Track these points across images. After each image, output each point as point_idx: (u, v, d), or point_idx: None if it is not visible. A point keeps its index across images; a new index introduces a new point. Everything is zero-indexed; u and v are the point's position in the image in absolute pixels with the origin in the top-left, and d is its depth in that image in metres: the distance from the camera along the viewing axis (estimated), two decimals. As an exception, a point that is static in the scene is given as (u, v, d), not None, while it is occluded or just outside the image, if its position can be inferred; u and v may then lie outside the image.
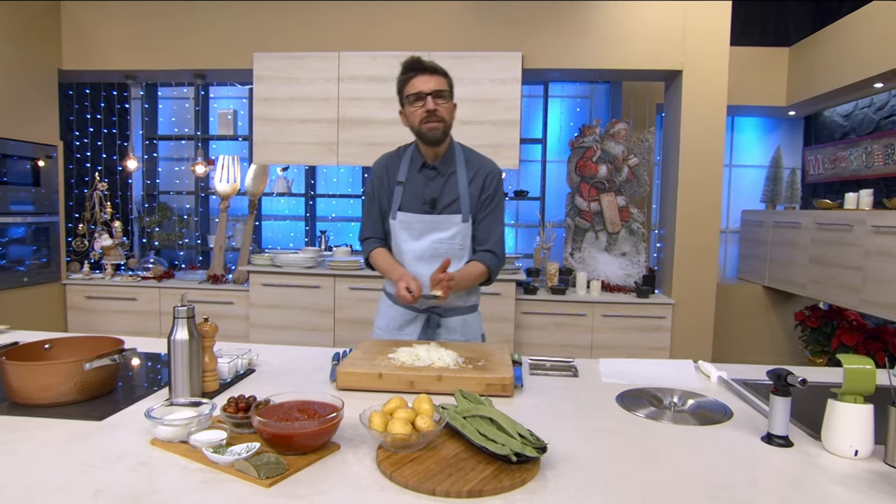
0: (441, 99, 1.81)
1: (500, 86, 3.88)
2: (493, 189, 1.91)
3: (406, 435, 1.06)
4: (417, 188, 1.90)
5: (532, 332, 3.97)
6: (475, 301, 2.04)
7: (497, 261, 1.92)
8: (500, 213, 1.94)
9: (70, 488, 0.95)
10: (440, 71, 1.84)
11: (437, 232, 1.89)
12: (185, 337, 1.36)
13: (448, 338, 1.95)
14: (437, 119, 1.81)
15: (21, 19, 4.03)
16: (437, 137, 1.85)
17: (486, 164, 1.95)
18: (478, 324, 2.04)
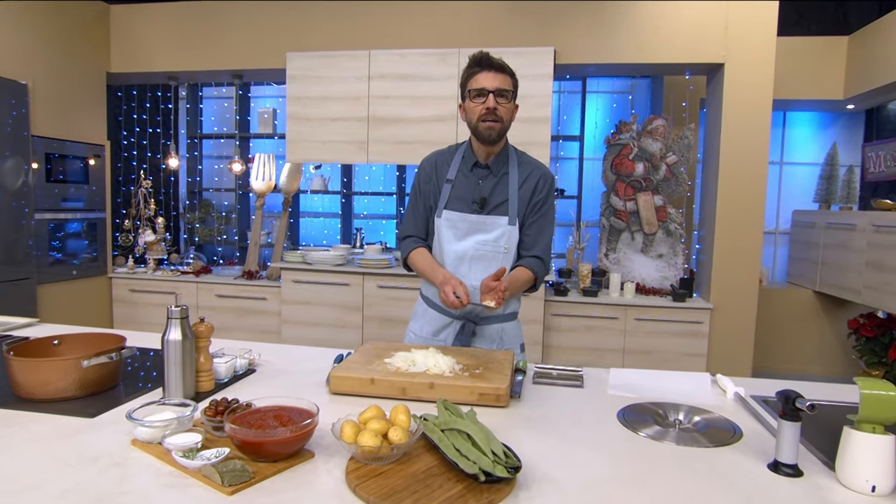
0: (503, 98, 1.75)
1: (531, 82, 3.79)
2: (544, 193, 1.84)
3: (375, 448, 1.03)
4: (467, 187, 1.85)
5: (562, 335, 3.88)
6: (515, 308, 1.95)
7: (544, 267, 1.85)
8: (550, 219, 1.88)
9: (41, 487, 0.97)
10: (507, 70, 1.78)
11: (481, 233, 1.83)
12: (178, 337, 1.37)
13: (483, 346, 1.88)
14: (495, 118, 1.75)
15: (73, 25, 4.23)
16: (493, 137, 1.78)
17: (540, 167, 1.88)
18: (517, 333, 1.96)
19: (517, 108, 1.83)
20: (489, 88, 1.73)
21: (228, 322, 4.33)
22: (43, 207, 4.07)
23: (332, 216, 5.24)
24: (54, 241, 4.20)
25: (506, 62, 1.80)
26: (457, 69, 3.89)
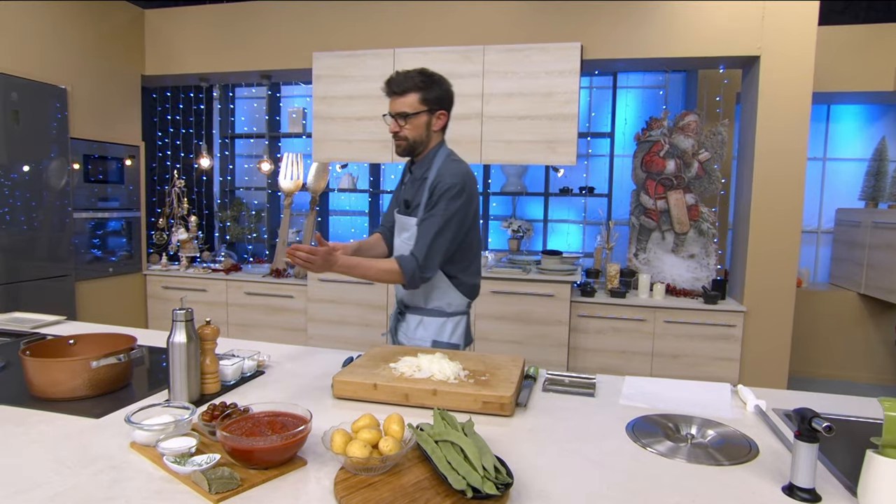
0: (402, 120, 1.88)
1: (557, 78, 3.71)
2: (437, 198, 1.88)
3: (363, 459, 1.01)
4: (405, 189, 2.03)
5: (588, 337, 3.80)
6: (437, 307, 2.01)
7: (415, 265, 1.84)
8: (437, 222, 1.85)
9: (33, 490, 0.98)
10: (410, 89, 1.86)
11: (405, 231, 1.99)
12: (182, 340, 1.38)
13: (402, 335, 2.06)
14: (400, 138, 1.91)
15: (109, 30, 4.35)
16: (400, 153, 1.97)
17: (446, 173, 1.89)
18: (435, 329, 2.00)
19: (435, 118, 1.91)
20: (391, 112, 1.91)
21: (257, 319, 4.40)
22: (82, 207, 4.21)
23: (360, 214, 5.26)
24: (95, 238, 4.34)
25: (418, 78, 1.86)
26: (481, 66, 3.85)
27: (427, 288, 1.97)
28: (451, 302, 2.01)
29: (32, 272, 3.84)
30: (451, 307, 2.02)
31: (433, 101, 1.89)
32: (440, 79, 1.91)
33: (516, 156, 3.90)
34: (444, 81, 1.92)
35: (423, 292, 1.99)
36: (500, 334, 3.86)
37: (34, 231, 3.84)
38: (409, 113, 1.87)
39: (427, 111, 1.88)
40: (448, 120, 1.96)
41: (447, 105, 1.94)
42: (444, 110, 1.93)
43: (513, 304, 3.82)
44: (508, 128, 3.87)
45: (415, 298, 2.02)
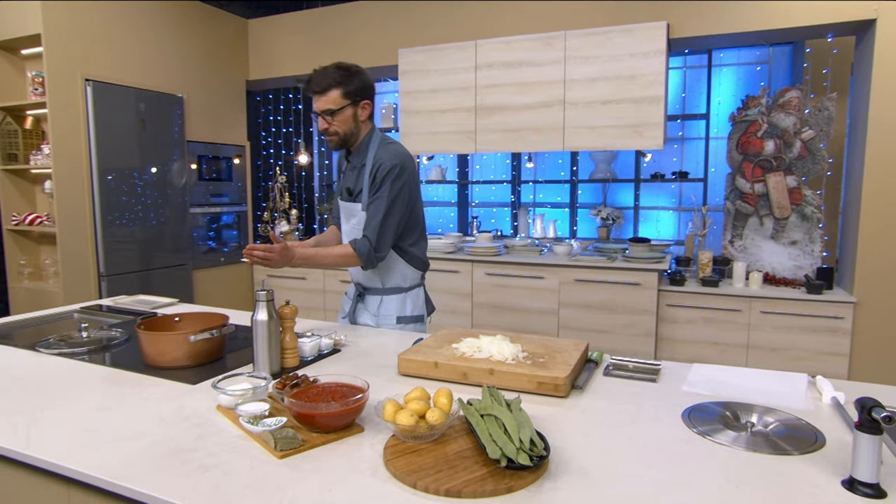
0: (329, 116, 1.93)
1: (642, 60, 3.59)
2: (380, 178, 1.95)
3: (410, 427, 1.09)
4: (345, 177, 2.13)
5: (677, 327, 3.66)
6: (396, 284, 2.14)
7: (369, 246, 1.94)
8: (385, 203, 1.95)
9: (139, 437, 1.17)
10: (331, 85, 1.92)
11: (353, 217, 2.07)
12: (264, 318, 1.54)
13: (364, 313, 2.18)
14: (330, 134, 1.97)
15: (218, 41, 4.77)
16: (334, 148, 2.05)
17: (385, 155, 1.98)
18: (396, 306, 2.14)
19: (362, 109, 1.97)
20: (316, 111, 1.96)
21: (350, 305, 4.65)
22: (197, 203, 4.67)
23: (449, 205, 5.39)
24: (209, 231, 4.80)
25: (336, 74, 1.92)
26: (563, 53, 3.80)
27: (382, 269, 2.10)
28: (407, 276, 2.15)
29: (159, 261, 4.33)
30: (407, 282, 2.16)
31: (355, 93, 1.94)
32: (357, 70, 1.97)
33: (600, 141, 3.83)
34: (361, 72, 1.97)
35: (380, 274, 2.11)
36: (585, 323, 3.83)
37: (160, 225, 4.32)
38: (334, 109, 1.92)
39: (351, 104, 1.94)
40: (373, 108, 2.03)
41: (369, 94, 1.99)
42: (367, 99, 1.99)
43: (597, 293, 3.77)
44: (591, 113, 3.80)
45: (373, 280, 2.13)
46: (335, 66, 1.95)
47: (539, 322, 3.95)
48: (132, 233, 4.12)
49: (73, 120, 3.74)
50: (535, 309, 3.96)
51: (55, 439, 1.17)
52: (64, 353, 1.77)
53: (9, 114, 3.93)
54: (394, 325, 2.15)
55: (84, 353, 1.77)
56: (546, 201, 4.99)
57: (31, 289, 3.96)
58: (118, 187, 4.00)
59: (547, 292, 3.91)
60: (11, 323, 2.24)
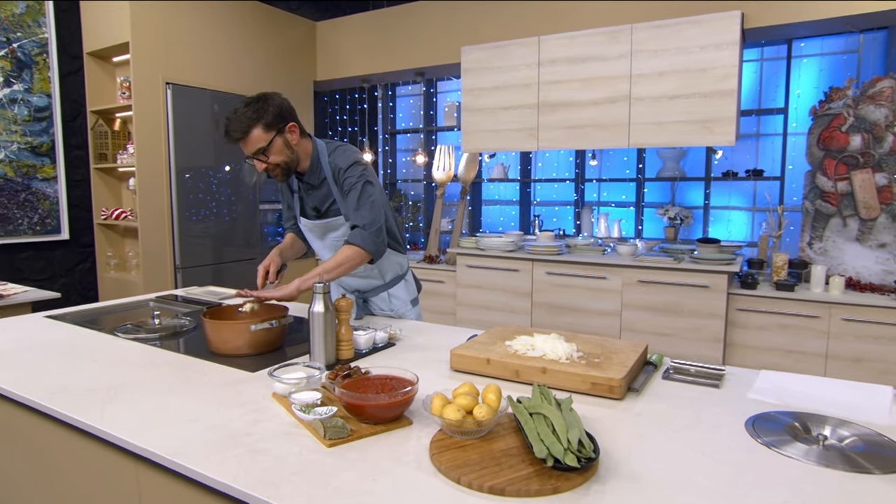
0: (263, 155, 1.87)
1: (713, 52, 3.43)
2: (343, 175, 1.96)
3: (456, 422, 1.09)
4: (307, 198, 2.08)
5: (748, 333, 3.47)
6: (395, 274, 2.20)
7: (365, 234, 1.90)
8: (357, 188, 1.93)
9: (198, 420, 1.22)
10: (249, 127, 1.83)
11: (333, 231, 2.06)
12: (320, 310, 1.57)
13: (378, 312, 2.22)
14: (274, 169, 1.92)
15: (287, 44, 4.94)
16: (285, 179, 2.00)
17: (338, 161, 1.98)
18: (405, 291, 2.22)
19: (291, 134, 1.90)
20: (249, 157, 1.89)
21: (410, 302, 4.70)
22: (267, 200, 4.86)
23: (511, 204, 5.35)
24: (278, 227, 4.99)
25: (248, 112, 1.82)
26: (629, 46, 3.69)
27: (381, 266, 2.12)
28: (401, 264, 2.21)
29: (230, 255, 4.53)
30: (403, 268, 2.23)
31: (275, 122, 1.85)
32: (265, 97, 1.86)
33: (667, 138, 3.69)
34: (271, 97, 1.86)
35: (379, 272, 2.15)
36: (648, 325, 3.70)
37: (233, 221, 4.52)
38: (263, 146, 1.85)
39: (277, 133, 1.86)
40: (299, 125, 1.93)
41: (289, 116, 1.90)
42: (290, 122, 1.90)
43: (662, 295, 3.63)
44: (658, 109, 3.67)
45: (372, 281, 2.16)
46: (244, 105, 1.84)
47: (600, 323, 3.85)
48: (206, 228, 4.33)
49: (154, 121, 3.98)
50: (596, 310, 3.86)
51: (126, 418, 1.25)
52: (139, 338, 1.88)
53: (101, 117, 4.23)
54: (411, 308, 2.23)
55: (156, 339, 1.88)
56: (611, 200, 4.86)
57: (117, 278, 4.25)
58: (195, 185, 4.21)
59: (609, 293, 3.81)
60: (97, 309, 2.40)
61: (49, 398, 1.36)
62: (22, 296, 2.86)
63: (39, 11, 3.87)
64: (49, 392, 1.40)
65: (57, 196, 4.03)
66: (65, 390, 1.41)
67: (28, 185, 3.88)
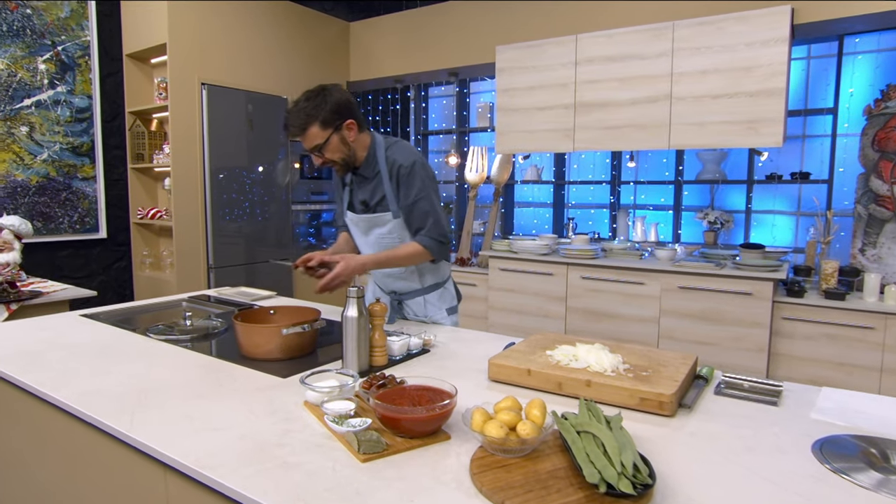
0: (320, 150, 1.88)
1: (760, 49, 3.28)
2: (405, 181, 1.93)
3: (498, 439, 1.02)
4: (357, 191, 2.05)
5: (795, 343, 3.31)
6: (434, 281, 2.14)
7: (435, 242, 1.94)
8: (423, 204, 1.94)
9: (227, 429, 1.18)
10: (306, 123, 1.83)
11: (378, 227, 2.03)
12: (354, 314, 1.52)
13: (411, 317, 2.16)
14: (331, 164, 1.93)
15: (321, 44, 4.94)
16: (342, 174, 2.04)
17: (397, 157, 1.95)
18: (441, 299, 2.16)
19: (349, 131, 1.88)
20: (306, 150, 1.91)
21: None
22: (299, 200, 4.87)
23: (544, 206, 5.25)
24: (310, 228, 4.99)
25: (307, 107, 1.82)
26: (670, 44, 3.56)
27: (421, 270, 2.08)
28: (443, 271, 2.16)
29: (262, 255, 4.55)
30: (443, 276, 2.17)
31: (332, 120, 1.83)
32: (327, 91, 1.84)
33: (710, 139, 3.55)
34: (330, 92, 1.84)
35: (419, 275, 2.10)
36: (687, 333, 3.56)
37: (265, 221, 4.54)
38: (320, 143, 1.85)
39: (334, 131, 1.85)
40: (359, 120, 1.90)
41: (347, 112, 1.86)
42: (348, 118, 1.87)
43: (702, 301, 3.50)
44: (701, 109, 3.53)
45: (410, 284, 2.12)
46: (304, 98, 1.84)
47: (637, 330, 3.73)
48: (239, 228, 4.35)
49: (189, 121, 4.01)
50: (633, 316, 3.74)
51: (156, 424, 1.21)
52: (170, 339, 1.86)
53: (138, 117, 4.29)
54: (446, 316, 2.16)
55: (187, 341, 1.86)
56: (647, 203, 4.72)
57: (151, 277, 4.29)
58: (228, 185, 4.24)
59: (647, 299, 3.68)
60: (130, 308, 2.41)
61: (81, 401, 1.33)
62: (60, 293, 2.89)
63: (83, 15, 3.94)
64: (81, 394, 1.38)
65: (95, 195, 4.10)
66: (96, 392, 1.39)
67: (69, 185, 3.95)
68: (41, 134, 3.80)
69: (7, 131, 3.64)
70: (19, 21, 3.65)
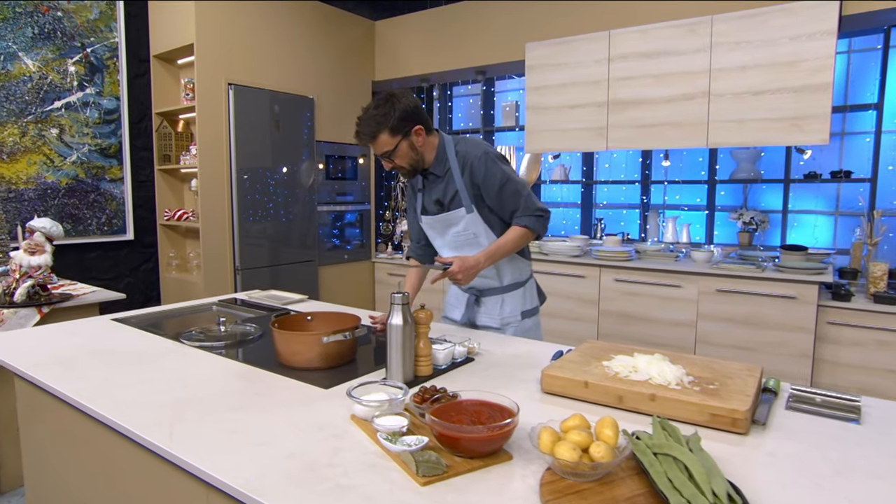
0: (389, 156, 1.90)
1: (805, 43, 3.15)
2: (482, 173, 1.92)
3: (572, 463, 0.94)
4: (430, 191, 2.05)
5: (841, 349, 3.18)
6: (513, 280, 2.09)
7: (533, 218, 1.93)
8: (510, 185, 1.93)
9: (274, 445, 1.11)
10: (376, 131, 1.85)
11: (453, 226, 2.02)
12: (399, 322, 1.45)
13: (485, 318, 2.10)
14: (399, 169, 1.94)
15: (346, 43, 4.89)
16: (409, 177, 2.04)
17: (470, 151, 1.96)
18: (519, 301, 2.10)
19: (417, 137, 1.88)
20: (377, 155, 1.92)
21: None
22: (324, 201, 4.82)
23: (572, 206, 5.14)
24: (334, 229, 4.94)
25: (376, 115, 1.83)
26: (708, 39, 3.44)
27: (500, 268, 2.05)
28: (522, 270, 2.11)
29: (287, 257, 4.51)
30: (523, 275, 2.12)
31: (401, 128, 1.85)
32: (395, 98, 1.84)
33: (750, 137, 3.42)
34: (398, 99, 1.84)
35: (498, 273, 2.07)
36: (726, 338, 3.44)
37: (289, 223, 4.50)
38: (389, 151, 1.87)
39: (402, 138, 1.86)
40: (426, 125, 1.91)
41: (415, 118, 1.87)
42: (417, 124, 1.87)
43: (742, 305, 3.37)
44: (740, 106, 3.41)
45: (490, 282, 2.08)
46: (374, 106, 1.85)
47: (673, 334, 3.61)
48: (264, 229, 4.32)
49: (216, 121, 3.98)
50: (668, 320, 3.63)
51: (196, 439, 1.15)
52: (204, 346, 1.81)
53: (165, 118, 4.27)
54: (519, 321, 2.09)
55: (221, 348, 1.80)
56: (678, 203, 4.59)
57: (178, 279, 4.28)
58: (252, 186, 4.20)
59: (683, 302, 3.57)
60: (161, 313, 2.37)
61: (120, 413, 1.28)
62: (90, 296, 2.87)
63: (111, 16, 3.93)
64: (119, 406, 1.32)
65: (123, 197, 4.09)
66: (134, 403, 1.34)
67: (97, 186, 3.95)
68: (70, 136, 3.79)
69: (38, 133, 3.64)
70: (50, 24, 3.65)
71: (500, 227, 2.01)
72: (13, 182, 3.56)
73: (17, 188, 3.59)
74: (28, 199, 3.63)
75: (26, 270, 2.66)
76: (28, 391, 1.77)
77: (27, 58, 3.57)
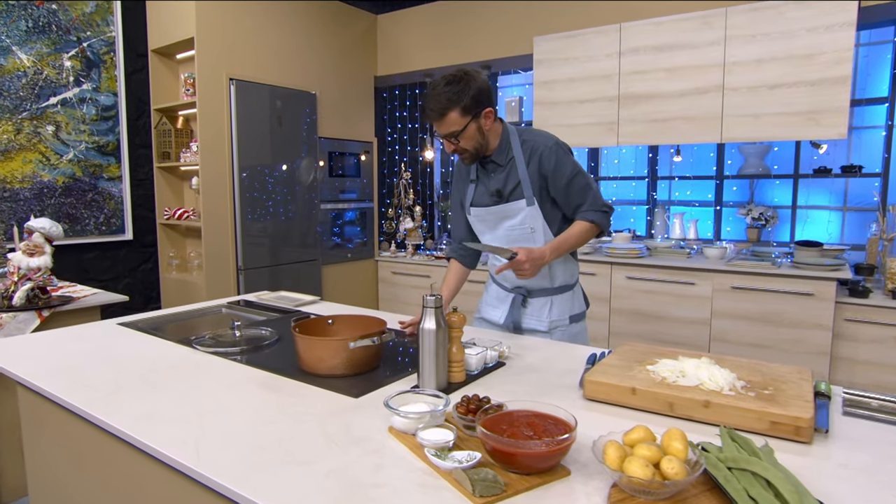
0: (455, 139, 1.80)
1: (823, 35, 3.09)
2: (552, 164, 1.84)
3: (646, 481, 0.86)
4: (486, 182, 1.96)
5: (859, 347, 3.13)
6: (564, 281, 2.00)
7: (600, 213, 1.86)
8: (580, 179, 1.86)
9: (312, 464, 1.03)
10: (447, 108, 1.73)
11: (508, 219, 1.94)
12: (432, 326, 1.37)
13: (532, 320, 2.00)
14: (462, 153, 1.86)
15: (349, 38, 4.79)
16: (471, 163, 1.94)
17: (539, 141, 1.88)
18: (568, 304, 2.01)
19: (486, 120, 1.80)
20: (439, 136, 1.82)
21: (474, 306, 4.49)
22: (325, 199, 4.72)
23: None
24: (335, 227, 4.85)
25: (448, 91, 1.72)
26: (723, 32, 3.38)
27: (552, 267, 1.96)
28: (573, 272, 2.04)
29: (289, 256, 4.41)
30: (573, 277, 2.04)
31: (473, 106, 1.75)
32: (467, 77, 1.74)
33: (765, 132, 3.36)
34: (472, 77, 1.74)
35: (549, 272, 1.97)
36: (742, 336, 3.39)
37: (290, 221, 4.40)
38: (457, 130, 1.77)
39: (473, 118, 1.77)
40: (495, 107, 1.84)
41: (487, 99, 1.78)
42: (487, 106, 1.79)
43: (757, 302, 3.32)
44: (755, 100, 3.35)
45: (541, 281, 1.98)
46: (445, 82, 1.74)
47: (687, 332, 3.55)
48: (265, 228, 4.22)
49: (218, 117, 3.88)
50: (682, 318, 3.57)
51: (224, 455, 1.07)
52: (219, 352, 1.72)
53: (164, 115, 4.16)
54: (567, 325, 2.00)
55: (237, 353, 1.72)
56: (684, 199, 4.53)
57: (178, 280, 4.17)
58: (251, 183, 4.10)
59: (697, 300, 3.51)
60: (168, 316, 2.27)
61: (139, 429, 1.19)
62: (91, 298, 2.77)
63: (108, 10, 3.82)
64: (137, 419, 1.24)
65: (121, 195, 3.98)
66: (151, 416, 1.25)
67: (95, 185, 3.84)
68: (67, 133, 3.68)
69: (33, 131, 3.53)
70: (45, 17, 3.53)
71: (557, 223, 1.92)
72: (8, 181, 3.45)
73: (13, 187, 3.47)
74: (24, 199, 3.52)
75: (25, 273, 2.55)
76: (32, 401, 1.68)
77: (21, 52, 3.45)
